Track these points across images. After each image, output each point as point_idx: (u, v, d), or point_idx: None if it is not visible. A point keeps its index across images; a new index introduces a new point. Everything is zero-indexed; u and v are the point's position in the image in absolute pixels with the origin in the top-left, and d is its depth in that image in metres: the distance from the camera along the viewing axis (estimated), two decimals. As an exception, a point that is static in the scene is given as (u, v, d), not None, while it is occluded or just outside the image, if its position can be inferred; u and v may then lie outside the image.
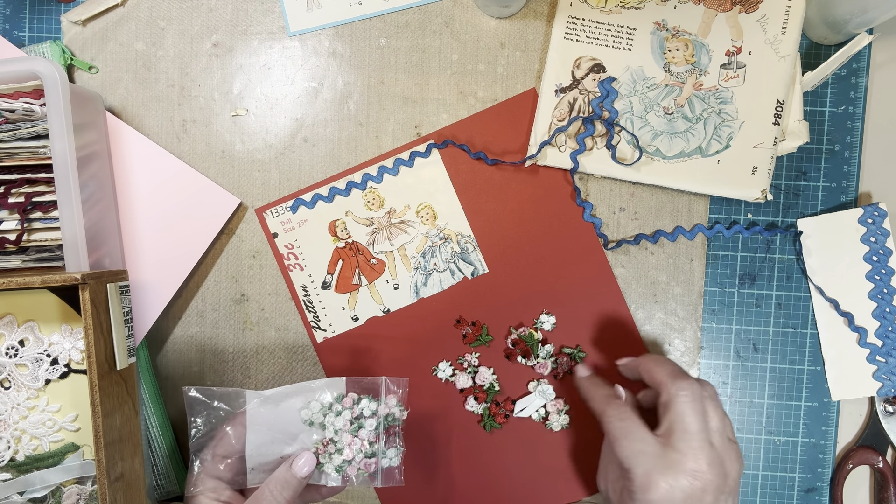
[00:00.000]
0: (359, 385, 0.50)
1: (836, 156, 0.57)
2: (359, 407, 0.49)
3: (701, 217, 0.57)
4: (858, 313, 0.56)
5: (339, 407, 0.49)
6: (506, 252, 0.57)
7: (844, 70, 0.56)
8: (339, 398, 0.50)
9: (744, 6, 0.54)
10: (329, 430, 0.49)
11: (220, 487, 0.48)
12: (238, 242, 0.58)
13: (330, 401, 0.49)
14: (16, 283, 0.46)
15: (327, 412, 0.49)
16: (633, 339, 0.57)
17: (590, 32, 0.55)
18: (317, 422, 0.49)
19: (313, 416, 0.49)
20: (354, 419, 0.49)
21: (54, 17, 0.58)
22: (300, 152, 0.57)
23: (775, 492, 0.57)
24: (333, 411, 0.49)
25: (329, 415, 0.49)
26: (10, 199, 0.51)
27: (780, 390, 0.57)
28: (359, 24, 0.57)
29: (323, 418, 0.49)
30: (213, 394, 0.50)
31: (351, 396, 0.49)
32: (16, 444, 0.50)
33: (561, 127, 0.55)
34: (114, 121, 0.56)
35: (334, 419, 0.49)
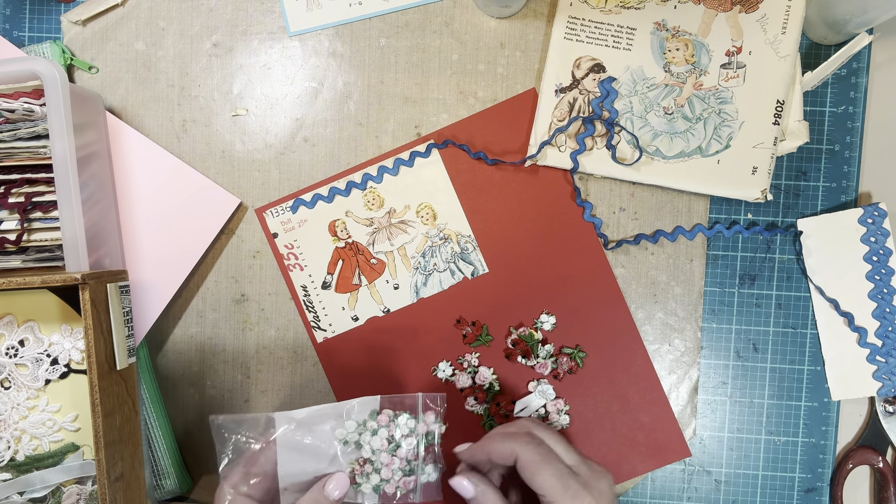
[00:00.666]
0: (394, 402, 0.47)
1: (836, 156, 0.57)
2: (395, 424, 0.47)
3: (701, 217, 0.57)
4: (858, 313, 0.56)
5: (375, 425, 0.47)
6: (506, 252, 0.57)
7: (844, 70, 0.56)
8: (374, 415, 0.47)
9: (744, 6, 0.54)
10: (366, 449, 0.46)
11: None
12: (238, 242, 0.58)
13: (365, 418, 0.47)
14: (16, 283, 0.46)
15: (363, 430, 0.47)
16: (634, 338, 0.57)
17: (590, 32, 0.55)
18: (352, 441, 0.46)
19: (349, 436, 0.46)
20: (392, 437, 0.47)
21: (54, 17, 0.58)
22: (300, 152, 0.57)
23: (775, 492, 0.57)
24: (369, 430, 0.47)
25: (365, 433, 0.46)
26: (10, 199, 0.51)
27: (780, 390, 0.57)
28: (359, 24, 0.57)
29: (358, 437, 0.46)
30: (240, 421, 0.46)
31: (386, 413, 0.47)
32: (16, 444, 0.50)
33: (561, 127, 0.55)
34: (114, 121, 0.56)
35: (370, 438, 0.46)
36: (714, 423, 0.57)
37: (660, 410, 0.57)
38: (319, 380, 0.58)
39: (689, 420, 0.57)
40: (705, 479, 0.57)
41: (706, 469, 0.57)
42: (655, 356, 0.57)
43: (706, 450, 0.57)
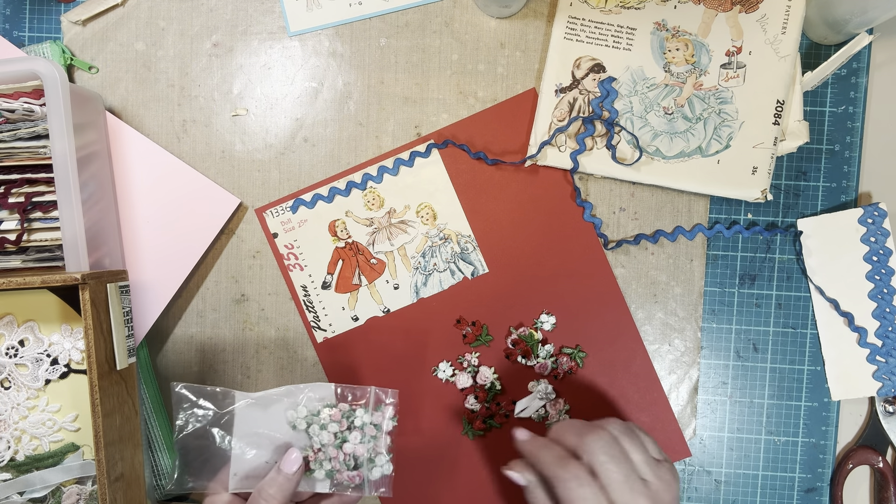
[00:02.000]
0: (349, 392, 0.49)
1: (836, 156, 0.57)
2: (345, 419, 0.48)
3: (701, 217, 0.57)
4: (858, 313, 0.56)
5: (327, 418, 0.48)
6: (506, 252, 0.57)
7: (844, 70, 0.56)
8: (328, 406, 0.48)
9: (744, 6, 0.54)
10: (314, 440, 0.48)
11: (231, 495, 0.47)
12: (238, 242, 0.58)
13: (318, 408, 0.48)
14: (16, 283, 0.46)
15: (312, 421, 0.48)
16: (634, 339, 0.57)
17: (590, 32, 0.55)
18: (300, 427, 0.48)
19: (297, 421, 0.48)
20: (339, 433, 0.48)
21: (54, 17, 0.58)
22: (300, 152, 0.57)
23: (775, 492, 0.57)
24: (318, 423, 0.48)
25: (314, 426, 0.48)
26: (10, 199, 0.51)
27: (780, 390, 0.57)
28: (359, 24, 0.57)
29: (307, 427, 0.48)
30: (200, 392, 0.48)
31: (341, 408, 0.48)
32: (16, 444, 0.50)
33: (561, 127, 0.55)
34: (114, 121, 0.56)
35: (319, 432, 0.48)
36: (714, 423, 0.57)
37: (660, 410, 0.57)
38: (319, 380, 0.58)
39: (689, 420, 0.57)
40: (705, 479, 0.57)
41: (706, 469, 0.57)
42: (655, 356, 0.57)
43: (706, 450, 0.57)
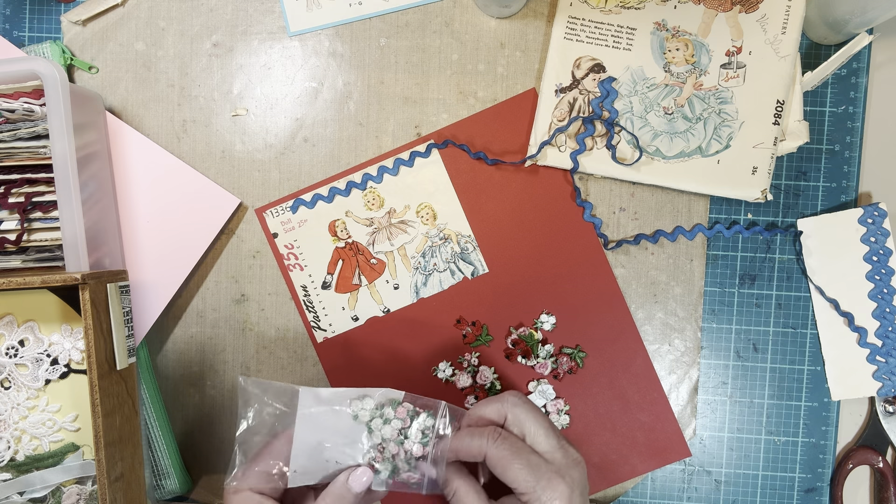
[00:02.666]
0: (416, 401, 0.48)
1: (836, 156, 0.57)
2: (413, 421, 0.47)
3: (701, 217, 0.57)
4: (858, 313, 0.56)
5: (391, 413, 0.47)
6: (506, 252, 0.57)
7: (844, 70, 0.56)
8: (395, 405, 0.47)
9: (744, 6, 0.54)
10: (376, 434, 0.46)
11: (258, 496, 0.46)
12: (238, 242, 0.58)
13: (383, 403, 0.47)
14: (16, 283, 0.46)
15: (376, 416, 0.47)
16: (634, 339, 0.57)
17: (590, 32, 0.55)
18: (363, 419, 0.47)
19: (360, 412, 0.46)
20: (402, 430, 0.47)
21: (54, 17, 0.58)
22: (300, 152, 0.57)
23: (775, 492, 0.57)
24: (383, 417, 0.47)
25: (377, 419, 0.47)
26: (10, 199, 0.51)
27: (780, 390, 0.57)
28: (359, 24, 0.57)
29: (370, 419, 0.47)
30: (267, 388, 0.47)
31: (406, 407, 0.47)
32: (16, 444, 0.51)
33: (561, 127, 0.55)
34: (114, 121, 0.56)
35: (382, 425, 0.47)
36: (714, 423, 0.57)
37: (660, 410, 0.57)
38: (319, 380, 0.58)
39: (689, 420, 0.57)
40: (705, 479, 0.57)
41: (706, 469, 0.57)
42: (655, 356, 0.57)
43: (706, 450, 0.57)
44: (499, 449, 0.44)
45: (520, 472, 0.43)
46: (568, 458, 0.44)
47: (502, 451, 0.43)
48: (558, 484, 0.42)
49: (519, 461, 0.43)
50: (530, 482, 0.42)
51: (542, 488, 0.42)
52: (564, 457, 0.44)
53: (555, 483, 0.42)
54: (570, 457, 0.44)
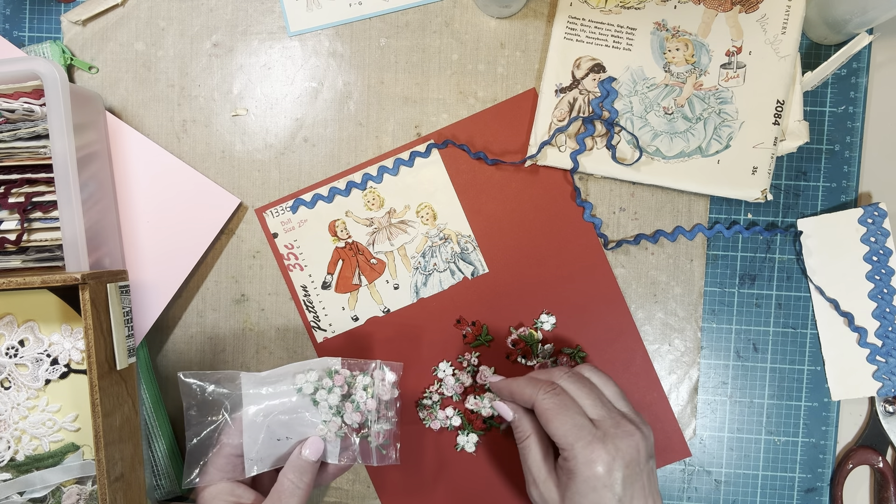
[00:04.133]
0: (352, 365, 0.51)
1: (836, 156, 0.57)
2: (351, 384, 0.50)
3: (701, 217, 0.57)
4: (858, 313, 0.56)
5: (331, 383, 0.50)
6: (506, 252, 0.57)
7: (844, 70, 0.56)
8: (332, 374, 0.50)
9: (744, 6, 0.54)
10: (323, 406, 0.49)
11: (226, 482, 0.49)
12: (238, 242, 0.58)
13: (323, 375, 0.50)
14: (16, 283, 0.46)
15: (319, 387, 0.50)
16: (634, 338, 0.57)
17: (590, 32, 0.55)
18: (307, 392, 0.49)
19: (304, 385, 0.49)
20: (347, 395, 0.50)
21: (54, 17, 0.58)
22: (300, 152, 0.57)
23: (775, 492, 0.57)
24: (325, 387, 0.50)
25: (321, 391, 0.50)
26: (10, 199, 0.51)
27: (780, 390, 0.57)
28: (359, 24, 0.57)
29: (314, 392, 0.50)
30: (207, 377, 0.50)
31: (343, 374, 0.50)
32: (16, 444, 0.50)
33: (561, 127, 0.55)
34: (114, 121, 0.56)
35: (326, 396, 0.49)
36: (714, 423, 0.57)
37: (660, 410, 0.57)
38: (319, 380, 0.58)
39: (689, 420, 0.57)
40: (705, 479, 0.57)
41: (706, 469, 0.57)
42: (655, 356, 0.57)
43: (706, 450, 0.57)
44: (546, 401, 0.45)
45: (560, 428, 0.44)
46: (618, 428, 0.44)
47: (549, 403, 0.45)
48: (598, 448, 0.42)
49: (562, 417, 0.44)
50: (569, 440, 0.43)
51: (581, 448, 0.43)
52: (614, 426, 0.44)
53: (595, 447, 0.42)
54: (620, 426, 0.44)
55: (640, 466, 0.43)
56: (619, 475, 0.42)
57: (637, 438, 0.44)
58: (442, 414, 0.56)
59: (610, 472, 0.42)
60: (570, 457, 0.43)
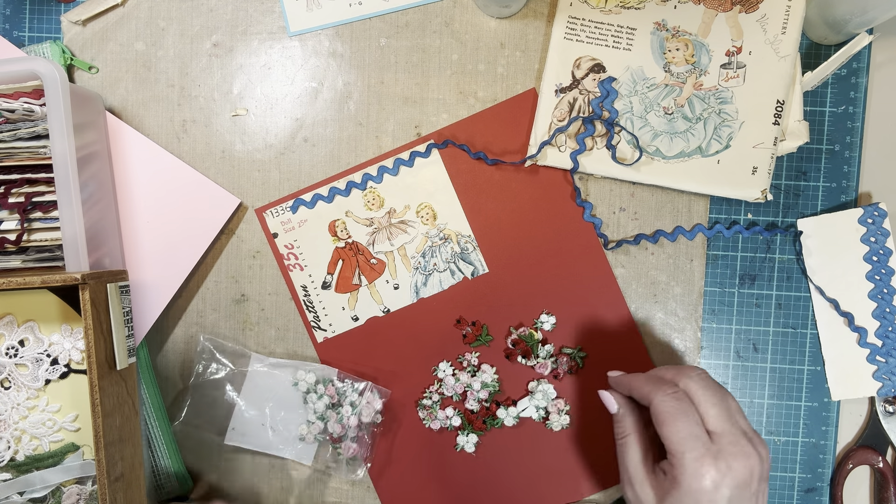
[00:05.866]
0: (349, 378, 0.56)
1: (836, 156, 0.57)
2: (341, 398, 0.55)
3: (701, 217, 0.57)
4: (858, 313, 0.56)
5: (323, 390, 0.56)
6: (506, 252, 0.57)
7: (844, 70, 0.56)
8: (326, 382, 0.56)
9: (744, 6, 0.54)
10: (310, 408, 0.56)
11: None
12: (238, 242, 0.58)
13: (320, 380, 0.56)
14: (16, 283, 0.46)
15: (312, 390, 0.56)
16: (634, 338, 0.57)
17: (590, 32, 0.55)
18: (301, 389, 0.56)
19: (300, 382, 0.56)
20: (335, 405, 0.56)
21: (54, 17, 0.58)
22: (300, 152, 0.57)
23: (775, 492, 0.57)
24: (317, 392, 0.56)
25: (312, 394, 0.56)
26: (10, 199, 0.51)
27: (780, 390, 0.57)
28: (359, 24, 0.57)
29: (307, 391, 0.56)
30: (222, 347, 0.57)
31: (336, 386, 0.56)
32: (16, 444, 0.51)
33: (561, 127, 0.55)
34: (114, 121, 0.56)
35: (316, 400, 0.55)
36: (714, 423, 0.57)
37: (660, 410, 0.56)
38: (319, 380, 0.58)
39: (689, 420, 0.57)
40: (705, 479, 0.57)
41: (706, 469, 0.57)
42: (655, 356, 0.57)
43: (706, 450, 0.57)
44: (664, 403, 0.43)
45: (675, 434, 0.42)
46: (736, 447, 0.41)
47: (668, 406, 0.43)
48: (708, 463, 0.41)
49: (679, 423, 0.42)
50: (681, 448, 0.41)
51: (692, 460, 0.41)
52: (732, 444, 0.42)
53: (706, 461, 0.41)
54: (738, 445, 0.42)
55: (750, 489, 0.41)
56: (725, 494, 0.40)
57: (754, 461, 0.42)
58: (442, 414, 0.56)
59: (716, 489, 0.40)
60: (677, 464, 0.41)
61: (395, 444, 0.57)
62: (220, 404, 0.57)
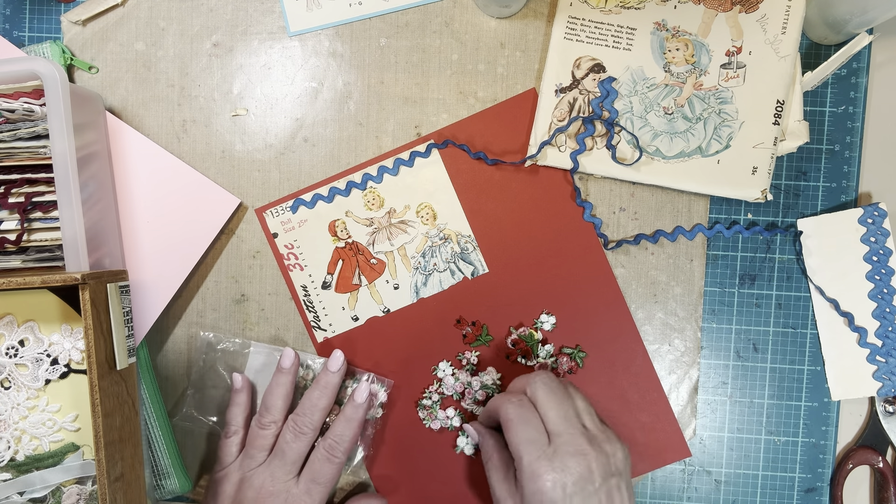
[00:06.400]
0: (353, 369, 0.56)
1: (836, 156, 0.57)
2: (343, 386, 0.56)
3: (701, 217, 0.57)
4: (858, 313, 0.56)
5: None
6: (506, 252, 0.57)
7: (844, 70, 0.56)
8: None
9: (744, 6, 0.54)
10: None
11: None
12: (238, 242, 0.58)
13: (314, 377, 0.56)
14: (16, 283, 0.46)
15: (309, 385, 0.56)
16: (634, 339, 0.57)
17: (590, 32, 0.55)
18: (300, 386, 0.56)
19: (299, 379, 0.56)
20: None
21: (54, 17, 0.58)
22: (300, 152, 0.57)
23: (775, 492, 0.57)
24: None
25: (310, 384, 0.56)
26: (10, 199, 0.51)
27: (780, 390, 0.57)
28: (359, 24, 0.57)
29: (304, 387, 0.56)
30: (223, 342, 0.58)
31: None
32: (16, 444, 0.50)
33: (561, 127, 0.55)
34: (114, 121, 0.56)
35: None
36: (714, 423, 0.57)
37: (660, 410, 0.57)
38: (319, 380, 0.58)
39: (689, 420, 0.57)
40: (705, 479, 0.57)
41: (706, 469, 0.57)
42: (655, 356, 0.57)
43: (706, 450, 0.57)
44: (507, 411, 0.44)
45: (514, 439, 0.43)
46: (571, 446, 0.42)
47: (510, 413, 0.44)
48: (544, 465, 0.42)
49: (518, 429, 0.43)
50: (519, 452, 0.43)
51: (528, 464, 0.42)
52: (567, 443, 0.43)
53: (541, 463, 0.42)
54: (573, 444, 0.42)
55: (593, 485, 0.42)
56: (568, 492, 0.41)
57: (590, 458, 0.43)
58: (442, 414, 0.56)
59: (554, 488, 0.41)
60: (518, 469, 0.43)
61: (394, 443, 0.57)
62: (221, 399, 0.57)
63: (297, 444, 0.52)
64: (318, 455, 0.52)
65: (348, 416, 0.53)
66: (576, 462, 0.42)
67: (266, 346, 0.57)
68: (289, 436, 0.52)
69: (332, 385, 0.54)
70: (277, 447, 0.52)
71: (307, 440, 0.52)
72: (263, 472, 0.52)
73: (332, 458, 0.52)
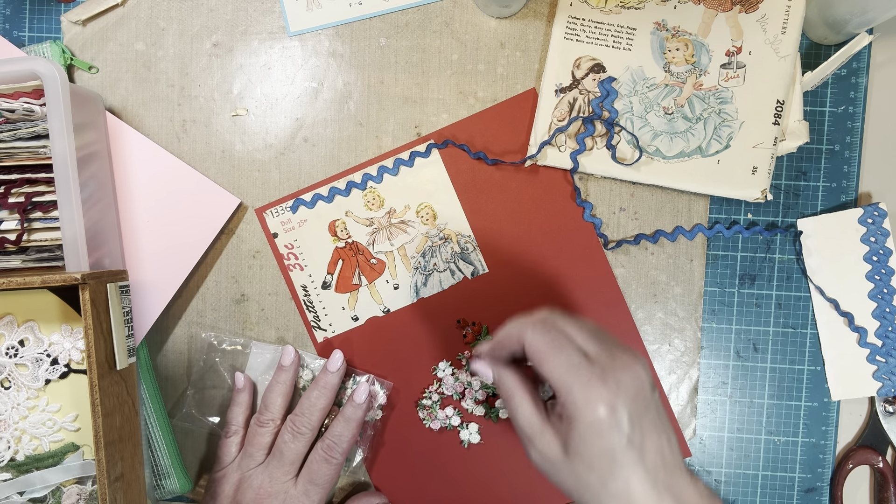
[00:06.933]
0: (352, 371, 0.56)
1: (836, 156, 0.57)
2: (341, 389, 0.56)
3: (701, 217, 0.57)
4: (858, 313, 0.56)
5: None
6: (506, 252, 0.57)
7: (844, 70, 0.56)
8: None
9: (744, 6, 0.54)
10: None
11: None
12: (238, 242, 0.58)
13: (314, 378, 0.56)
14: (16, 283, 0.46)
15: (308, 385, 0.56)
16: (634, 339, 0.57)
17: (590, 32, 0.55)
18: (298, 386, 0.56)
19: (304, 373, 0.57)
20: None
21: (54, 17, 0.58)
22: (300, 152, 0.57)
23: (775, 492, 0.57)
24: None
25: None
26: (10, 199, 0.51)
27: (780, 390, 0.57)
28: (359, 24, 0.57)
29: (303, 387, 0.56)
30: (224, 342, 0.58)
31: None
32: (16, 444, 0.50)
33: (561, 127, 0.55)
34: (114, 121, 0.56)
35: None
36: (714, 423, 0.57)
37: (660, 410, 0.56)
38: (319, 380, 0.58)
39: (689, 420, 0.57)
40: (705, 479, 0.57)
41: (706, 469, 0.57)
42: (655, 356, 0.57)
43: (706, 450, 0.57)
44: (537, 339, 0.39)
45: (556, 368, 0.38)
46: (617, 361, 0.38)
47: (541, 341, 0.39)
48: (598, 387, 0.37)
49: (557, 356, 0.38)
50: (567, 381, 0.38)
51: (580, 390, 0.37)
52: (611, 358, 0.38)
53: (594, 386, 0.37)
54: (616, 358, 0.38)
55: (646, 399, 0.38)
56: (624, 413, 0.37)
57: (638, 368, 0.38)
58: (442, 414, 0.56)
59: (614, 412, 0.37)
60: (568, 401, 0.38)
61: (394, 443, 0.57)
62: (221, 399, 0.57)
63: (296, 445, 0.52)
64: (317, 456, 0.52)
65: (347, 417, 0.53)
66: (628, 376, 0.38)
67: (267, 345, 0.57)
68: (287, 436, 0.52)
69: (331, 385, 0.54)
70: (276, 447, 0.52)
71: (305, 440, 0.52)
72: (262, 472, 0.52)
73: (330, 458, 0.52)
